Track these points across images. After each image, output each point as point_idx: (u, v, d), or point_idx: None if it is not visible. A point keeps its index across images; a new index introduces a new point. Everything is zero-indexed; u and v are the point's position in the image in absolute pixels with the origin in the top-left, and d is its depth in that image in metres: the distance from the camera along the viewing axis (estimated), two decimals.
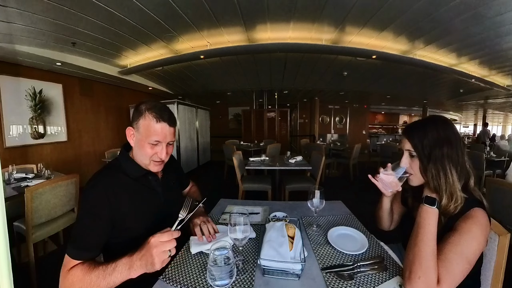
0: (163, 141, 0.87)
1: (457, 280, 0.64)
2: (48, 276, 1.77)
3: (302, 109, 10.44)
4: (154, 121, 0.84)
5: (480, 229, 0.68)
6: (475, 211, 0.71)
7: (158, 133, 0.84)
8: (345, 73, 5.41)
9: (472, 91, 6.62)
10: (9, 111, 3.56)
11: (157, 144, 0.86)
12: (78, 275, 0.71)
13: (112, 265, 0.70)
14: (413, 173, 0.82)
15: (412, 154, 0.81)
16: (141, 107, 0.86)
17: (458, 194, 0.73)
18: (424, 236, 0.69)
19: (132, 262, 0.69)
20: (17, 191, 1.92)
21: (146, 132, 0.84)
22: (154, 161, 0.88)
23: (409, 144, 0.81)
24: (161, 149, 0.87)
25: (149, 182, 0.94)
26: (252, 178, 3.20)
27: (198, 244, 0.90)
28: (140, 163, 0.90)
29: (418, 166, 0.80)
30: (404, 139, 0.84)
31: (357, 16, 2.99)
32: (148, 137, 0.84)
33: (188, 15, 2.91)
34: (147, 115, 0.84)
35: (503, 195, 1.70)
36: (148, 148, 0.85)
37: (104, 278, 0.69)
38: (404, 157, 0.84)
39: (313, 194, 1.07)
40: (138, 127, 0.85)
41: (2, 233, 0.51)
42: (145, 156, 0.87)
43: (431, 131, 0.77)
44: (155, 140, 0.85)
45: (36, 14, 2.52)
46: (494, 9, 2.61)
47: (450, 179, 0.73)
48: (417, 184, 0.84)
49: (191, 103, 6.17)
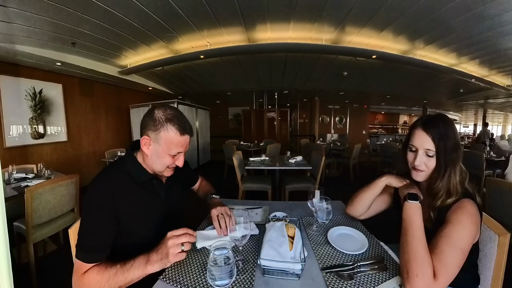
0: (183, 151, 0.87)
1: (453, 272, 0.65)
2: (48, 276, 1.77)
3: (302, 109, 10.44)
4: (178, 134, 0.81)
5: (469, 218, 0.71)
6: (463, 201, 0.74)
7: (181, 145, 0.84)
8: (345, 73, 5.41)
9: (472, 91, 6.62)
10: (9, 111, 3.56)
11: (177, 154, 0.85)
12: (95, 276, 0.71)
13: (131, 262, 0.72)
14: (425, 170, 0.82)
15: (430, 155, 0.79)
16: (159, 116, 0.81)
17: (459, 189, 0.77)
18: (414, 233, 0.70)
19: (150, 257, 0.72)
20: (17, 191, 1.92)
21: (169, 145, 0.81)
22: (169, 168, 0.88)
23: (432, 143, 0.78)
24: (180, 157, 0.87)
25: (153, 186, 0.92)
26: (252, 178, 3.20)
27: (204, 239, 0.89)
28: (151, 169, 0.88)
29: (433, 165, 0.80)
30: (423, 136, 0.79)
31: (357, 16, 2.99)
32: (171, 149, 0.82)
33: (188, 15, 2.91)
34: (169, 128, 0.80)
35: (503, 195, 1.70)
36: (169, 159, 0.84)
37: (123, 274, 0.71)
38: (420, 155, 0.81)
39: (313, 194, 1.07)
40: (158, 139, 0.81)
41: (2, 233, 0.51)
42: (162, 165, 0.86)
43: (451, 133, 0.78)
44: (177, 152, 0.84)
45: (36, 14, 2.52)
46: (494, 9, 2.61)
47: (457, 178, 0.78)
48: (422, 180, 0.85)
49: (191, 103, 6.18)
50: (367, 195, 1.03)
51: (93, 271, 0.73)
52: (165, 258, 0.70)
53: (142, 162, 0.89)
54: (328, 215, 1.02)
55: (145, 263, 0.71)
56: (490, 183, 1.86)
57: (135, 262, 0.72)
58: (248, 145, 5.91)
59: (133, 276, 0.71)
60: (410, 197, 0.78)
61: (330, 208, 1.02)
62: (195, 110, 6.16)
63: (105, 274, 0.71)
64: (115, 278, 0.70)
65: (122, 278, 0.70)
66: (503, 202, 1.69)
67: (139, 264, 0.71)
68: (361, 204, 1.05)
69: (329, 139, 8.37)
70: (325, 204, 1.02)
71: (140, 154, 0.90)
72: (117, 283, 0.70)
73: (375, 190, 1.01)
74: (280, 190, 2.99)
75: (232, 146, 4.81)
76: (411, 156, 0.85)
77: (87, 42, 3.43)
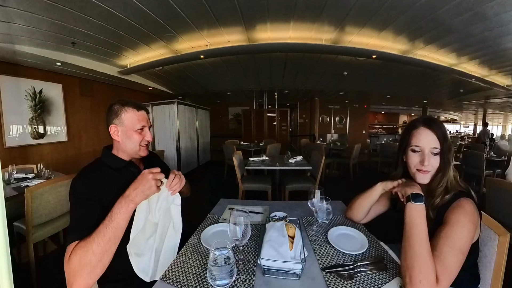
0: (147, 125, 1.00)
1: (454, 273, 0.65)
2: (48, 276, 1.77)
3: (302, 109, 10.44)
4: (136, 110, 0.97)
5: (468, 218, 0.70)
6: (461, 201, 0.74)
7: (141, 119, 0.98)
8: (345, 73, 5.41)
9: (472, 91, 6.62)
10: (9, 111, 3.56)
11: (142, 129, 0.98)
12: (79, 248, 0.72)
13: (108, 214, 0.76)
14: (431, 171, 0.81)
15: (435, 152, 0.79)
16: (115, 106, 0.96)
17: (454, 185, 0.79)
18: (418, 237, 0.69)
19: (128, 195, 0.79)
20: (17, 191, 1.92)
21: (132, 121, 0.95)
22: (143, 146, 0.99)
23: (438, 142, 0.78)
24: (147, 132, 0.99)
25: (132, 174, 0.95)
26: (252, 178, 3.20)
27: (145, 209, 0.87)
28: (128, 153, 0.98)
29: (437, 164, 0.80)
30: (430, 135, 0.79)
31: (357, 16, 2.99)
32: (135, 124, 0.96)
33: (188, 15, 2.91)
34: (127, 108, 0.96)
35: (503, 195, 1.70)
36: (137, 135, 0.96)
37: (107, 228, 0.73)
38: (428, 156, 0.79)
39: (313, 194, 1.07)
40: (121, 121, 0.95)
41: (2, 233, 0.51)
42: (135, 143, 0.97)
43: (447, 133, 0.82)
44: (141, 126, 0.97)
45: (36, 14, 2.52)
46: (494, 9, 2.61)
47: (452, 175, 0.80)
48: (427, 182, 0.83)
49: (191, 103, 6.16)
50: (364, 202, 1.04)
51: (77, 247, 0.72)
52: (147, 190, 0.81)
53: (116, 153, 1.00)
54: (328, 215, 1.02)
55: (126, 203, 0.77)
56: (490, 183, 1.86)
57: (114, 211, 0.76)
58: (248, 145, 5.91)
59: (119, 222, 0.75)
60: (414, 198, 0.74)
61: (330, 208, 1.02)
62: (195, 110, 6.15)
63: (88, 240, 0.72)
64: (100, 235, 0.72)
65: (108, 231, 0.73)
66: (503, 202, 1.69)
67: (119, 209, 0.76)
68: (359, 210, 1.06)
69: (329, 139, 8.36)
70: (325, 204, 1.02)
71: (114, 149, 1.00)
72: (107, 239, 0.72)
73: (372, 198, 1.01)
74: (280, 190, 2.99)
75: (232, 146, 4.81)
76: (416, 158, 0.82)
77: (87, 42, 3.43)
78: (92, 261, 0.70)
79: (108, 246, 0.73)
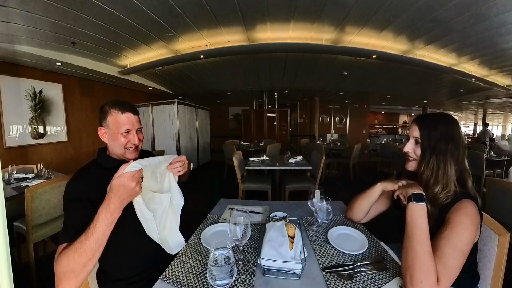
0: (133, 129, 0.97)
1: (454, 274, 0.65)
2: (48, 276, 1.76)
3: (302, 109, 10.43)
4: (120, 113, 0.95)
5: (469, 219, 0.71)
6: (464, 202, 0.74)
7: (126, 122, 0.95)
8: (345, 73, 5.41)
9: (472, 91, 6.62)
10: (9, 111, 3.56)
11: (128, 133, 0.96)
12: (64, 254, 0.71)
13: (91, 225, 0.73)
14: (416, 158, 0.87)
15: (418, 141, 0.85)
16: (105, 107, 0.96)
17: (452, 185, 0.78)
18: (419, 237, 0.69)
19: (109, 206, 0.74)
20: (17, 191, 1.92)
21: (116, 124, 0.94)
22: (128, 149, 0.98)
23: (418, 132, 0.85)
24: (133, 136, 0.97)
25: None
26: (252, 178, 3.20)
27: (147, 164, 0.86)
28: (116, 155, 0.98)
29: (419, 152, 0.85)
30: (414, 126, 0.87)
31: (357, 16, 2.99)
32: (119, 128, 0.94)
33: (188, 15, 2.91)
34: (112, 111, 0.94)
35: (503, 195, 1.70)
36: (122, 138, 0.95)
37: (89, 240, 0.71)
38: (409, 143, 0.88)
39: (313, 194, 1.07)
40: (108, 124, 0.95)
41: (2, 233, 0.51)
42: (120, 146, 0.96)
43: (441, 126, 0.82)
44: (126, 129, 0.95)
45: (36, 14, 2.52)
46: (494, 9, 2.61)
47: (449, 172, 0.79)
48: (412, 169, 0.89)
49: (191, 103, 6.17)
50: (364, 202, 1.05)
51: (62, 254, 0.72)
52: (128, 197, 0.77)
53: (109, 154, 1.01)
54: (328, 215, 1.02)
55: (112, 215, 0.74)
56: (490, 183, 1.86)
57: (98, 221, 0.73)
58: (248, 145, 5.90)
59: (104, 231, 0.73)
60: (415, 198, 0.75)
61: (330, 208, 1.02)
62: (195, 110, 6.16)
63: (72, 249, 0.71)
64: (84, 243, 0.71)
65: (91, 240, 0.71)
66: (503, 202, 1.69)
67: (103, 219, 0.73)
68: (359, 210, 1.07)
69: (329, 139, 8.36)
70: (325, 204, 1.03)
71: (108, 149, 1.01)
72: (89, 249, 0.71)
73: (372, 198, 1.02)
74: (280, 190, 2.99)
75: (232, 146, 4.81)
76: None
77: (87, 42, 3.44)
78: (75, 269, 0.70)
79: (91, 255, 0.72)
